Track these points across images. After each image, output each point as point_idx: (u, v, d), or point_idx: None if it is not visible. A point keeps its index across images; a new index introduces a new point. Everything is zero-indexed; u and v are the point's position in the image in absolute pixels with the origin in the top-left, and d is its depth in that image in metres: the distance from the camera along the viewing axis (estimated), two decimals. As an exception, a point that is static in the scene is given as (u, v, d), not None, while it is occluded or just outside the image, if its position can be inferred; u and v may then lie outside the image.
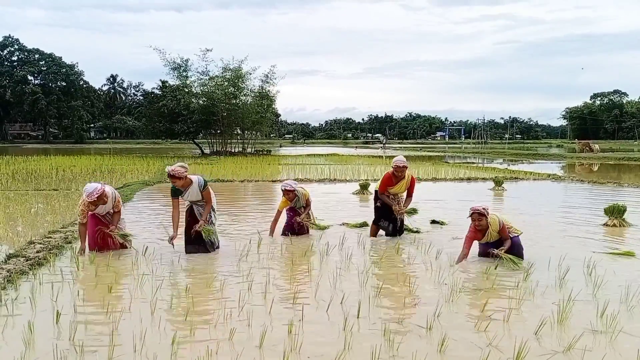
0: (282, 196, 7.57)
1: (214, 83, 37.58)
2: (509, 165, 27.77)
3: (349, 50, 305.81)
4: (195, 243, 6.42)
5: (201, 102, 37.56)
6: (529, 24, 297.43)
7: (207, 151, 40.09)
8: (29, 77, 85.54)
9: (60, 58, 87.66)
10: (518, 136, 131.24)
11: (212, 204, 6.54)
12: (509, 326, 4.08)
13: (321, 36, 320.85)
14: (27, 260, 5.65)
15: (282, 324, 4.03)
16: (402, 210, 7.45)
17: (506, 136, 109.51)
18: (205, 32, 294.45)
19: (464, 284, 5.18)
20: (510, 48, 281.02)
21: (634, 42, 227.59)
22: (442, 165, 24.74)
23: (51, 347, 3.49)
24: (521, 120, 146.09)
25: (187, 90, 37.46)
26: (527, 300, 4.68)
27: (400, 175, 7.35)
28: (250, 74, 37.95)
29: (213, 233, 6.54)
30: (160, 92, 39.04)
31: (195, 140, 42.52)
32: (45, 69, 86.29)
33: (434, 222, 8.73)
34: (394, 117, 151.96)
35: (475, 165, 27.02)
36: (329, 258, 6.18)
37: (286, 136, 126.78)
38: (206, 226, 6.41)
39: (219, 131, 39.80)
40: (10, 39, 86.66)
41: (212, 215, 6.64)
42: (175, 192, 6.35)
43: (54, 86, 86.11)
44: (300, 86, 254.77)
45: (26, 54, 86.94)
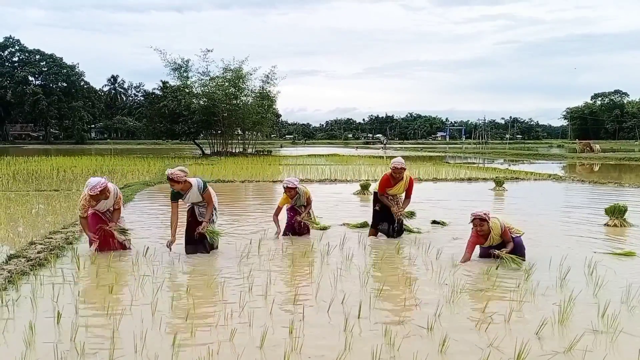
0: (283, 193, 7.59)
1: (214, 83, 37.59)
2: (509, 166, 27.78)
3: (349, 51, 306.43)
4: (195, 243, 6.43)
5: (202, 102, 37.59)
6: (529, 24, 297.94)
7: (207, 152, 40.10)
8: (30, 78, 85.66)
9: (61, 59, 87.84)
10: (519, 136, 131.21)
11: (213, 204, 6.54)
12: (510, 326, 4.07)
13: (321, 36, 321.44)
14: (28, 261, 5.65)
15: (282, 324, 4.03)
16: (401, 212, 7.46)
17: (507, 136, 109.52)
18: (205, 32, 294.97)
19: (464, 285, 5.18)
20: (510, 48, 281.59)
21: (634, 42, 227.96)
22: (442, 165, 24.73)
23: (52, 348, 3.49)
24: (522, 121, 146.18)
25: (187, 91, 37.48)
26: (527, 300, 4.68)
27: (398, 176, 7.37)
28: (251, 74, 38.02)
29: (217, 234, 6.54)
30: (161, 93, 39.04)
31: (196, 141, 42.54)
32: (46, 69, 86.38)
33: (434, 222, 8.73)
34: (394, 118, 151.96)
35: (476, 165, 27.03)
36: (329, 258, 6.18)
37: (287, 137, 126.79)
38: (209, 228, 6.42)
39: (219, 132, 39.80)
40: (11, 39, 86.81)
41: (214, 214, 6.64)
42: (175, 195, 6.33)
43: (54, 87, 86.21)
44: (300, 86, 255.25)
45: (27, 54, 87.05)
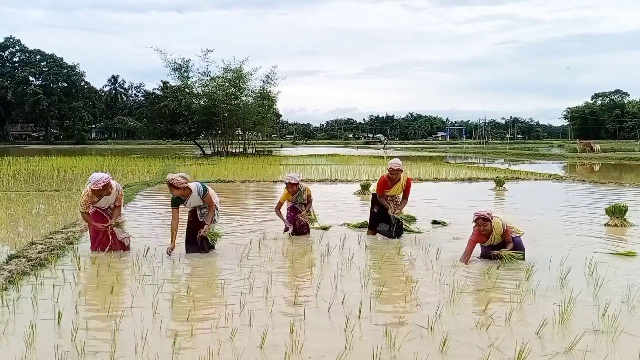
0: (285, 189, 7.60)
1: (215, 84, 37.60)
2: (510, 166, 27.77)
3: (349, 51, 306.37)
4: (195, 243, 6.43)
5: (202, 102, 37.59)
6: (529, 24, 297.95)
7: (208, 152, 40.09)
8: (30, 78, 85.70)
9: (62, 59, 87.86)
10: (519, 136, 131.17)
11: (215, 206, 6.54)
12: (510, 327, 4.07)
13: (321, 36, 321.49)
14: (28, 261, 5.66)
15: (283, 325, 4.03)
16: (398, 212, 7.46)
17: (507, 136, 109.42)
18: (205, 32, 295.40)
19: (465, 285, 5.17)
20: (510, 48, 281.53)
21: (634, 42, 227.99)
22: (443, 165, 24.73)
23: (52, 348, 3.50)
24: (522, 121, 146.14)
25: (188, 91, 37.49)
26: (528, 300, 4.67)
27: (395, 178, 7.39)
28: (251, 74, 38.02)
29: (218, 236, 6.54)
30: (161, 93, 39.07)
31: (196, 141, 42.53)
32: (46, 69, 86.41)
33: (435, 222, 8.73)
34: (394, 118, 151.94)
35: (476, 165, 27.01)
36: (329, 258, 6.18)
37: (287, 137, 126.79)
38: (211, 230, 6.42)
39: (220, 132, 39.80)
40: (12, 39, 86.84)
41: (216, 214, 6.64)
42: (175, 201, 6.32)
43: (55, 87, 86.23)
44: (300, 86, 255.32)
45: (27, 54, 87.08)
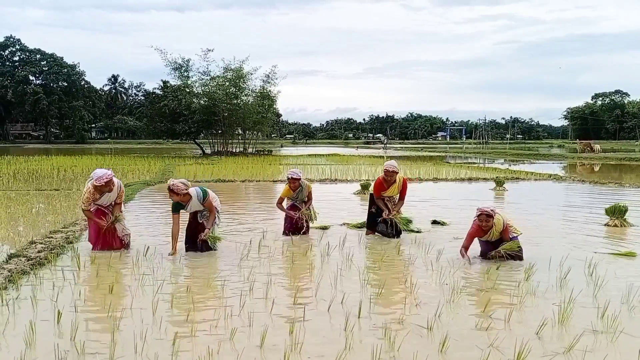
0: (286, 184, 7.60)
1: (215, 83, 37.57)
2: (510, 166, 27.77)
3: (349, 50, 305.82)
4: (195, 242, 6.43)
5: (202, 102, 37.56)
6: (529, 24, 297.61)
7: (208, 151, 40.08)
8: (31, 77, 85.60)
9: (62, 58, 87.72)
10: (519, 136, 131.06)
11: (215, 209, 6.53)
12: (510, 327, 4.07)
13: (321, 36, 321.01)
14: (28, 260, 5.66)
15: (282, 324, 4.03)
16: (393, 214, 7.46)
17: (507, 136, 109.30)
18: (205, 32, 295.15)
19: (464, 284, 5.18)
20: (510, 48, 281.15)
21: (634, 42, 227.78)
22: (443, 165, 24.73)
23: (52, 347, 3.50)
24: (522, 121, 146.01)
25: (188, 91, 37.45)
26: (528, 300, 4.67)
27: (390, 179, 7.40)
28: (252, 74, 37.95)
29: (218, 240, 6.53)
30: (161, 92, 39.02)
31: (196, 141, 42.50)
32: (46, 69, 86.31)
33: (435, 222, 8.73)
34: (395, 117, 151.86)
35: (476, 165, 27.00)
36: (329, 258, 6.18)
37: (287, 136, 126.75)
38: (211, 234, 6.41)
39: (220, 131, 39.78)
40: (12, 39, 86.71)
41: (217, 217, 6.64)
42: (176, 207, 6.32)
43: (55, 86, 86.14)
44: (301, 86, 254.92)
45: (27, 54, 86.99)
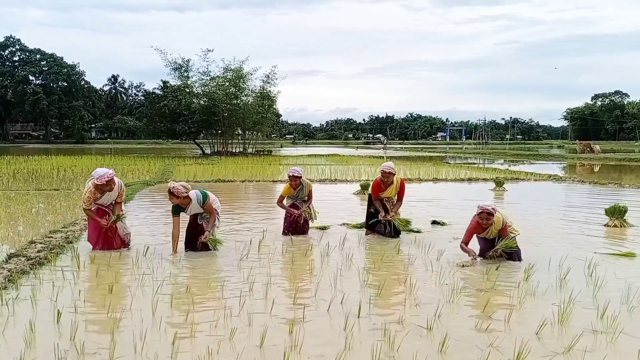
0: (287, 183, 7.62)
1: (215, 83, 37.58)
2: (509, 166, 27.77)
3: (349, 51, 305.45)
4: (195, 242, 6.43)
5: (202, 102, 37.57)
6: (529, 24, 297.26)
7: (208, 151, 40.08)
8: (30, 77, 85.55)
9: (62, 58, 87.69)
10: (519, 137, 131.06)
11: (216, 212, 6.53)
12: (510, 327, 4.07)
13: (322, 36, 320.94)
14: (28, 260, 5.66)
15: (282, 324, 4.04)
16: (392, 215, 7.46)
17: (507, 137, 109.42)
18: (205, 32, 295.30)
19: (464, 285, 5.18)
20: (510, 48, 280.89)
21: (634, 42, 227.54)
22: (443, 165, 24.73)
23: (52, 347, 3.50)
24: (522, 121, 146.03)
25: (188, 91, 37.46)
26: (527, 300, 4.68)
27: (387, 180, 7.40)
28: (251, 74, 37.96)
29: (219, 243, 6.52)
30: (161, 93, 39.02)
31: (196, 141, 42.51)
32: (46, 69, 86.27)
33: (434, 222, 8.73)
34: (394, 118, 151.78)
35: (476, 165, 27.02)
36: (329, 258, 6.19)
37: (287, 136, 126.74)
38: (211, 237, 6.40)
39: (220, 131, 39.78)
40: (12, 39, 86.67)
41: (217, 219, 6.63)
42: (176, 209, 6.32)
43: (55, 86, 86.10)
44: (301, 86, 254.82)
45: (27, 54, 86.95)
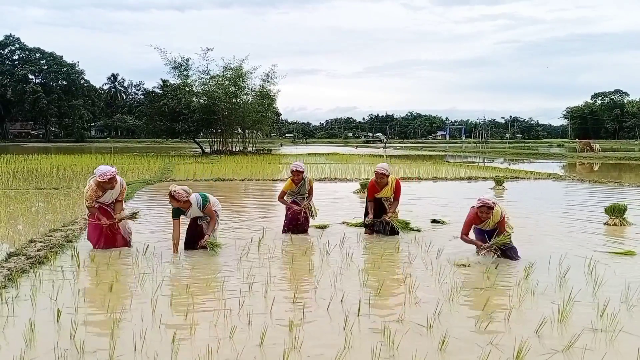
0: (288, 178, 7.64)
1: (214, 82, 37.58)
2: (509, 165, 27.77)
3: (349, 50, 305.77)
4: (195, 242, 6.43)
5: (202, 101, 37.57)
6: (529, 23, 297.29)
7: (207, 150, 40.09)
8: (30, 76, 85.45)
9: (61, 57, 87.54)
10: (519, 135, 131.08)
11: (216, 213, 6.52)
12: (509, 325, 4.08)
13: (322, 35, 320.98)
14: (27, 259, 5.66)
15: (282, 323, 4.03)
16: (390, 216, 7.45)
17: (507, 136, 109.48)
18: (205, 31, 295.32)
19: (464, 283, 5.19)
20: (510, 48, 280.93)
21: (634, 41, 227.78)
22: (442, 164, 24.74)
23: (52, 346, 3.49)
24: (522, 120, 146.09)
25: (187, 90, 37.47)
26: (527, 299, 4.68)
27: (381, 181, 7.38)
28: (251, 73, 37.99)
29: (218, 246, 6.49)
30: (161, 91, 39.03)
31: (196, 139, 42.52)
32: (46, 67, 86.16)
33: (434, 221, 8.74)
34: (394, 117, 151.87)
35: (476, 164, 26.99)
36: (329, 257, 6.19)
37: (287, 135, 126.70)
38: (211, 240, 6.39)
39: (219, 130, 39.80)
40: (11, 37, 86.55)
41: (217, 221, 6.63)
42: (176, 212, 6.31)
43: (54, 85, 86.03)
44: (300, 85, 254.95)
45: (27, 52, 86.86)
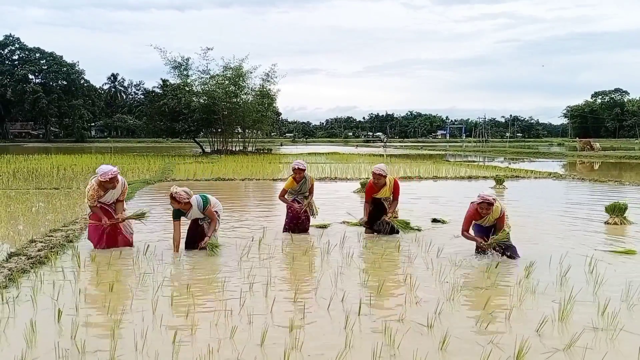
0: (290, 177, 7.64)
1: (214, 82, 37.62)
2: (510, 164, 27.75)
3: (349, 49, 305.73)
4: (195, 241, 6.43)
5: (202, 100, 37.60)
6: (529, 22, 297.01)
7: (208, 150, 40.11)
8: (30, 76, 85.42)
9: (61, 57, 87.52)
10: (519, 135, 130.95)
11: (217, 214, 6.52)
12: (510, 324, 4.08)
13: (322, 35, 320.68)
14: (28, 259, 5.66)
15: (283, 322, 4.03)
16: (389, 216, 7.45)
17: (507, 135, 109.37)
18: (205, 30, 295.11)
19: (465, 283, 5.19)
20: (510, 47, 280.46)
21: (634, 40, 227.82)
22: (443, 163, 24.74)
23: (53, 346, 3.50)
24: (522, 119, 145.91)
25: (187, 89, 37.50)
26: (528, 298, 4.68)
27: (378, 182, 7.38)
28: (251, 72, 38.07)
29: (217, 248, 6.48)
30: (161, 91, 39.08)
31: (196, 139, 42.54)
32: (46, 67, 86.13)
33: (434, 220, 8.74)
34: (394, 116, 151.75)
35: (476, 163, 26.99)
36: (329, 256, 6.19)
37: (287, 135, 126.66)
38: (211, 241, 6.38)
39: (219, 130, 39.83)
40: (11, 37, 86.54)
41: (217, 222, 6.62)
42: (177, 214, 6.31)
43: (54, 85, 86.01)
44: (301, 85, 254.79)
45: (27, 52, 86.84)
